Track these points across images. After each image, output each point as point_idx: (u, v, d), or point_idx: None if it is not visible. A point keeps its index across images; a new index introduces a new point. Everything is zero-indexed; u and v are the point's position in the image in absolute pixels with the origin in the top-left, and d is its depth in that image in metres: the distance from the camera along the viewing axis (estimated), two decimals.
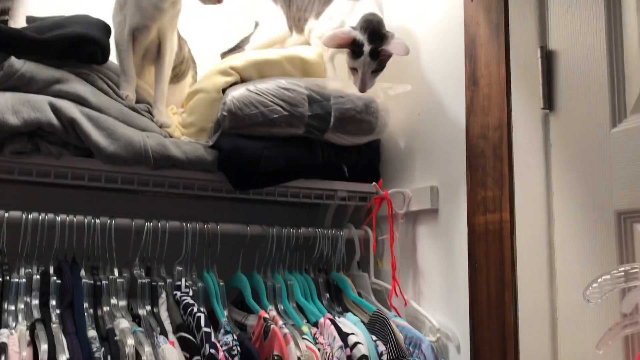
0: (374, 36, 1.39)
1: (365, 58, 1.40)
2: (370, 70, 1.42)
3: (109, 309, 1.24)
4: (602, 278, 0.93)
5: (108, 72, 1.40)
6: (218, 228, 1.42)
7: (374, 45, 1.39)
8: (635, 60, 1.03)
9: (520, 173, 1.22)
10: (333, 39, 1.39)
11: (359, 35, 1.39)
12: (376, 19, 1.42)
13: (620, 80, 1.05)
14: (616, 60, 1.06)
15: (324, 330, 1.32)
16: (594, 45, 1.10)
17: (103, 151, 1.25)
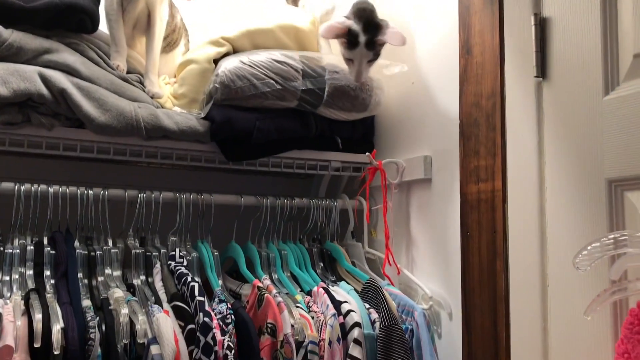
0: (368, 26, 1.37)
1: (361, 49, 1.38)
2: (367, 61, 1.40)
3: (104, 278, 1.26)
4: (592, 245, 0.93)
5: (98, 42, 1.39)
6: (212, 199, 1.42)
7: (370, 36, 1.37)
8: (628, 28, 1.01)
9: (513, 142, 1.22)
10: (329, 30, 1.37)
11: (354, 25, 1.37)
12: (369, 8, 1.39)
13: (613, 47, 1.04)
14: (610, 28, 1.05)
15: (317, 298, 1.33)
16: (588, 12, 1.08)
17: (94, 122, 1.25)
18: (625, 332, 0.86)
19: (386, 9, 1.64)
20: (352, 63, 1.41)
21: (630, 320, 0.86)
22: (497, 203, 1.23)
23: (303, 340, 1.22)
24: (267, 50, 1.48)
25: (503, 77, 1.25)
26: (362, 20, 1.37)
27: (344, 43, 1.39)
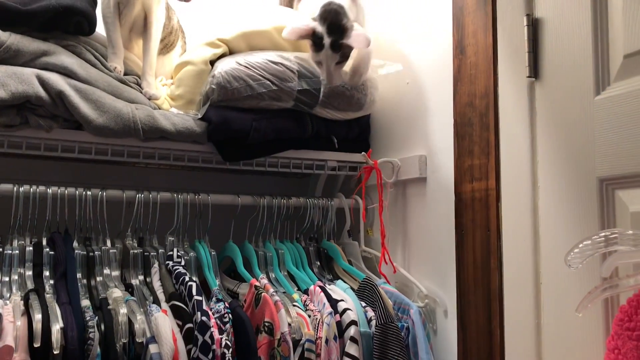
0: (332, 28, 1.36)
1: (327, 51, 1.37)
2: (334, 63, 1.40)
3: (102, 279, 1.27)
4: (584, 243, 0.95)
5: (95, 44, 1.40)
6: (209, 199, 1.44)
7: (334, 38, 1.36)
8: (618, 29, 1.03)
9: (506, 141, 1.23)
10: (294, 31, 1.36)
11: (319, 27, 1.36)
12: (334, 9, 1.37)
13: (604, 48, 1.06)
14: (600, 29, 1.06)
15: (314, 297, 1.35)
16: (579, 13, 1.10)
17: (92, 123, 1.26)
18: (616, 329, 0.88)
19: (380, 10, 1.66)
20: (321, 65, 1.41)
21: (620, 317, 0.87)
22: (491, 202, 1.24)
23: (300, 338, 1.24)
24: (263, 52, 1.49)
25: (496, 77, 1.26)
26: (327, 23, 1.36)
27: (311, 46, 1.39)
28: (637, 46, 0.99)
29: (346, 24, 1.37)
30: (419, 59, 1.53)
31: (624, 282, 0.92)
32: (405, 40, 1.59)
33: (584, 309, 0.93)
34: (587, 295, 0.93)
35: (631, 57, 1.00)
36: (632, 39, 1.00)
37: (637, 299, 0.86)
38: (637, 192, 0.98)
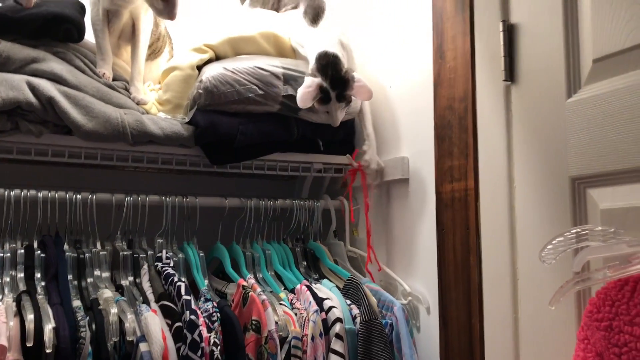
0: (335, 82, 1.42)
1: (334, 103, 1.44)
2: (340, 109, 1.47)
3: (93, 280, 1.30)
4: (556, 240, 0.99)
5: (85, 51, 1.43)
6: (197, 201, 1.47)
7: (339, 91, 1.43)
8: (587, 35, 1.07)
9: (484, 143, 1.28)
10: (306, 99, 1.41)
11: (324, 83, 1.42)
12: (333, 61, 1.43)
13: (575, 53, 1.10)
14: (572, 34, 1.11)
15: (300, 295, 1.38)
16: (552, 19, 1.14)
17: (81, 128, 1.29)
18: (585, 320, 0.92)
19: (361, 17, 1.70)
20: (328, 114, 1.47)
21: (589, 309, 0.92)
22: (470, 201, 1.29)
23: (287, 336, 1.27)
24: (249, 58, 1.53)
25: (474, 81, 1.31)
26: (329, 77, 1.42)
27: (318, 100, 1.44)
28: (605, 51, 1.03)
29: (347, 75, 1.44)
30: (401, 64, 1.58)
31: (595, 275, 0.96)
32: (387, 45, 1.63)
33: (557, 302, 0.97)
34: (559, 289, 0.97)
35: (599, 61, 1.05)
36: (600, 45, 1.04)
37: (604, 291, 0.91)
38: (606, 190, 1.03)
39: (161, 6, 1.35)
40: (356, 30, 1.65)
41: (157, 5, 1.35)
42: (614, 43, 1.02)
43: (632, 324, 0.85)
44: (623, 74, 1.01)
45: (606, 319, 0.88)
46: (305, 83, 1.43)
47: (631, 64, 0.99)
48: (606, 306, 0.89)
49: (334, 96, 1.43)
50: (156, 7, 1.36)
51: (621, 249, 0.90)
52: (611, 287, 0.90)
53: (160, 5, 1.35)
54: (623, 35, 1.00)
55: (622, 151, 0.99)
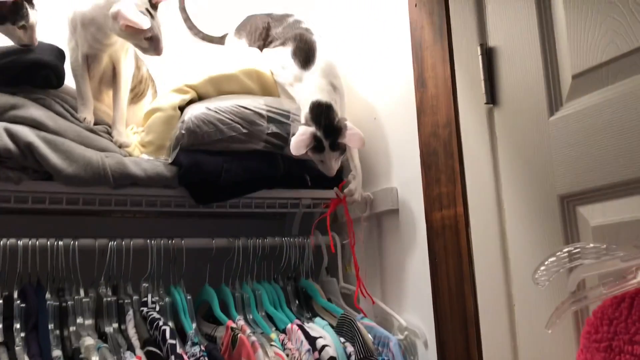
0: (329, 131, 1.41)
1: (328, 152, 1.42)
2: (335, 159, 1.44)
3: (75, 328, 1.26)
4: (549, 260, 0.96)
5: (64, 96, 1.42)
6: (183, 243, 1.44)
7: (332, 139, 1.41)
8: (565, 52, 1.06)
9: (470, 167, 1.26)
10: (299, 147, 1.40)
11: (317, 132, 1.40)
12: (326, 111, 1.42)
13: (554, 70, 1.09)
14: (549, 53, 1.10)
15: (291, 335, 1.33)
16: (529, 39, 1.14)
17: (62, 173, 1.27)
18: (584, 342, 0.88)
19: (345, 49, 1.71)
20: (323, 163, 1.45)
21: (587, 330, 0.88)
22: (461, 228, 1.26)
23: None
24: (232, 96, 1.52)
25: (456, 106, 1.30)
26: (322, 127, 1.41)
27: (312, 148, 1.43)
28: (583, 66, 1.02)
29: (340, 124, 1.42)
30: (384, 95, 1.57)
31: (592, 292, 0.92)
32: (369, 77, 1.63)
33: (553, 325, 0.93)
34: (555, 311, 0.93)
35: (579, 77, 1.04)
36: (578, 61, 1.04)
37: (601, 310, 0.87)
38: (596, 206, 1.00)
39: (146, 45, 1.35)
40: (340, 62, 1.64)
41: (142, 44, 1.35)
42: (591, 58, 1.01)
43: (632, 342, 0.81)
44: (602, 88, 0.99)
45: (605, 339, 0.84)
46: (299, 131, 1.41)
47: (609, 78, 0.98)
48: (604, 325, 0.85)
49: (327, 145, 1.41)
50: (141, 46, 1.36)
51: (615, 265, 0.86)
52: (608, 305, 0.86)
53: (145, 44, 1.35)
54: (599, 49, 1.00)
55: (608, 165, 0.96)
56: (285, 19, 1.68)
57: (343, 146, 1.44)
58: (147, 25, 1.28)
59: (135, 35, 1.32)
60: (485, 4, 1.25)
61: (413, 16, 1.44)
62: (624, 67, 0.96)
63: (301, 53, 1.55)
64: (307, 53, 1.55)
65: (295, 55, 1.55)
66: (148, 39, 1.34)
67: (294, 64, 1.55)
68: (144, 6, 1.32)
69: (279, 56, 1.61)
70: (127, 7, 1.27)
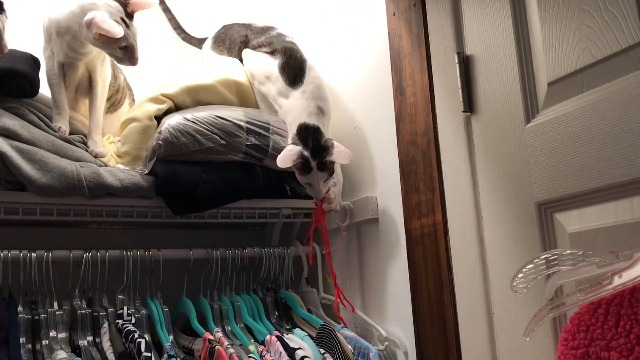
0: (316, 151, 1.40)
1: (315, 173, 1.41)
2: (323, 180, 1.43)
3: (48, 342, 1.22)
4: (526, 267, 0.95)
5: (39, 105, 1.40)
6: (160, 254, 1.41)
7: (319, 159, 1.40)
8: (541, 59, 1.07)
9: (448, 175, 1.25)
10: (286, 160, 1.39)
11: (305, 152, 1.40)
12: (313, 132, 1.42)
13: (530, 78, 1.10)
14: (525, 61, 1.11)
15: (270, 347, 1.31)
16: (505, 47, 1.14)
17: (35, 183, 1.24)
18: (561, 349, 0.87)
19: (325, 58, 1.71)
20: (311, 186, 1.44)
21: (564, 337, 0.87)
22: (439, 236, 1.25)
23: None
24: (210, 107, 1.50)
25: (434, 114, 1.30)
26: (309, 147, 1.40)
27: (299, 169, 1.42)
28: (558, 74, 1.03)
29: (326, 143, 1.41)
30: (363, 104, 1.57)
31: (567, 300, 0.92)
32: (349, 86, 1.63)
33: (531, 332, 0.92)
34: (532, 318, 0.92)
35: (554, 84, 1.04)
36: (553, 68, 1.04)
37: (578, 317, 0.86)
38: (572, 213, 1.00)
39: (120, 54, 1.34)
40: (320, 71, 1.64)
41: (117, 53, 1.34)
42: (566, 65, 1.02)
43: (608, 348, 0.80)
44: (577, 95, 1.00)
45: (582, 345, 0.84)
46: (287, 148, 1.40)
47: (584, 85, 0.99)
48: (581, 332, 0.85)
49: (314, 165, 1.40)
50: (116, 55, 1.35)
51: (591, 271, 0.86)
52: (584, 311, 0.86)
53: (120, 53, 1.34)
54: (574, 57, 1.00)
55: (584, 172, 0.97)
56: (267, 31, 1.67)
57: (331, 167, 1.43)
58: (121, 34, 1.27)
59: (109, 44, 1.30)
60: (463, 12, 1.26)
61: (391, 25, 1.45)
62: (598, 74, 0.96)
63: (290, 70, 1.53)
64: (297, 71, 1.53)
65: (283, 70, 1.53)
66: (122, 48, 1.32)
67: (281, 79, 1.53)
68: (118, 15, 1.31)
69: (264, 63, 1.59)
70: (100, 15, 1.26)
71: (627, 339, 0.78)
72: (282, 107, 1.50)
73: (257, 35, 1.67)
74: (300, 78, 1.50)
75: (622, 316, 0.80)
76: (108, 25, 1.25)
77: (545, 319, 0.93)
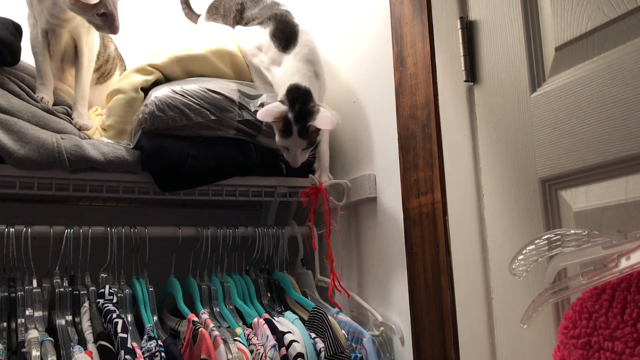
0: (300, 114, 1.33)
1: (295, 138, 1.34)
2: (301, 149, 1.36)
3: (24, 320, 1.17)
4: (527, 249, 0.87)
5: (22, 75, 1.34)
6: (146, 232, 1.35)
7: (301, 124, 1.33)
8: (549, 22, 0.97)
9: (449, 150, 1.17)
10: (268, 113, 1.32)
11: (289, 115, 1.33)
12: (303, 94, 1.35)
13: (537, 43, 1.00)
14: (532, 24, 1.01)
15: (257, 330, 1.25)
16: (511, 10, 1.05)
17: (13, 155, 1.19)
18: (561, 338, 0.79)
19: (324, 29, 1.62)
20: (288, 151, 1.37)
21: (565, 325, 0.79)
22: (438, 216, 1.17)
23: None
24: (201, 79, 1.43)
25: (436, 85, 1.21)
26: (295, 109, 1.33)
27: (280, 130, 1.35)
28: (567, 37, 0.93)
29: (313, 108, 1.34)
30: (364, 76, 1.48)
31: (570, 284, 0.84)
32: (349, 58, 1.55)
33: (530, 320, 0.84)
34: (530, 304, 0.84)
35: (562, 49, 0.95)
36: (562, 31, 0.94)
37: (580, 303, 0.78)
38: (579, 190, 0.91)
39: (99, 21, 1.27)
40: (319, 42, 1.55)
41: (96, 20, 1.27)
42: (576, 27, 0.92)
43: (612, 338, 0.72)
44: (587, 60, 0.90)
45: (584, 334, 0.75)
46: (273, 104, 1.34)
47: (595, 49, 0.89)
48: (583, 320, 0.76)
49: (295, 130, 1.33)
50: (95, 22, 1.28)
51: (596, 253, 0.77)
52: (587, 297, 0.77)
53: (99, 20, 1.27)
54: (584, 18, 0.91)
55: (593, 144, 0.87)
56: (262, 0, 1.59)
57: (313, 137, 1.36)
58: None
59: (86, 10, 1.23)
60: None
61: None
62: (610, 36, 0.87)
63: (281, 35, 1.46)
64: (289, 35, 1.46)
65: (274, 37, 1.46)
66: (101, 15, 1.25)
67: (273, 46, 1.46)
68: None
69: (254, 35, 1.52)
70: None
71: (633, 328, 0.70)
72: (275, 76, 1.42)
73: (252, 5, 1.59)
74: (293, 41, 1.43)
75: (628, 302, 0.71)
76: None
77: (545, 304, 0.84)
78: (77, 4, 1.21)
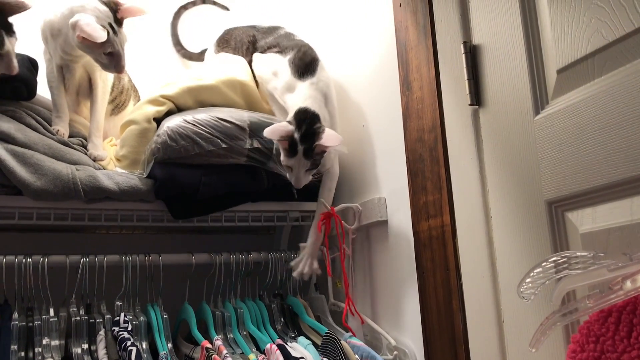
0: (306, 136, 1.34)
1: (299, 158, 1.35)
2: (305, 170, 1.37)
3: (40, 349, 1.19)
4: (534, 272, 0.87)
5: (38, 108, 1.38)
6: (160, 259, 1.37)
7: (307, 145, 1.34)
8: (550, 45, 0.98)
9: (456, 173, 1.17)
10: (275, 132, 1.33)
11: (296, 134, 1.34)
12: (310, 117, 1.36)
13: (539, 66, 1.01)
14: (534, 48, 1.02)
15: (270, 356, 1.25)
16: (513, 35, 1.06)
17: (30, 187, 1.22)
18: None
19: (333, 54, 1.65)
20: (292, 170, 1.37)
21: (573, 348, 0.79)
22: (447, 238, 1.17)
23: None
24: (212, 109, 1.46)
25: (442, 108, 1.22)
26: (302, 130, 1.34)
27: (285, 150, 1.36)
28: (568, 60, 0.94)
29: (318, 129, 1.35)
30: (371, 101, 1.50)
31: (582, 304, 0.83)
32: (357, 82, 1.56)
33: (538, 343, 0.84)
34: (539, 327, 0.84)
35: (564, 71, 0.95)
36: (563, 54, 0.95)
37: (587, 326, 0.77)
38: (585, 212, 0.91)
39: (106, 60, 1.31)
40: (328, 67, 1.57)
41: (102, 59, 1.31)
42: (576, 50, 0.93)
43: None
44: (589, 82, 0.91)
45: (591, 358, 0.75)
46: (281, 123, 1.36)
47: (596, 71, 0.90)
48: (590, 343, 0.76)
49: (301, 150, 1.34)
50: (101, 61, 1.32)
51: (601, 275, 0.77)
52: (594, 320, 0.77)
53: (105, 59, 1.31)
54: (584, 40, 0.92)
55: (597, 166, 0.88)
56: (275, 31, 1.62)
57: (317, 158, 1.37)
58: (102, 39, 1.23)
59: (93, 48, 1.27)
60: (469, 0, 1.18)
61: (398, 17, 1.38)
62: (610, 58, 0.88)
63: (300, 62, 1.48)
64: (307, 65, 1.47)
65: (292, 63, 1.48)
66: (108, 54, 1.29)
67: (289, 71, 1.47)
68: (106, 20, 1.28)
69: (272, 62, 1.54)
70: (85, 18, 1.23)
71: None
72: (286, 102, 1.44)
73: (265, 35, 1.62)
74: (311, 72, 1.45)
75: (635, 326, 0.71)
76: (91, 29, 1.22)
77: (553, 327, 0.84)
78: (85, 42, 1.25)
